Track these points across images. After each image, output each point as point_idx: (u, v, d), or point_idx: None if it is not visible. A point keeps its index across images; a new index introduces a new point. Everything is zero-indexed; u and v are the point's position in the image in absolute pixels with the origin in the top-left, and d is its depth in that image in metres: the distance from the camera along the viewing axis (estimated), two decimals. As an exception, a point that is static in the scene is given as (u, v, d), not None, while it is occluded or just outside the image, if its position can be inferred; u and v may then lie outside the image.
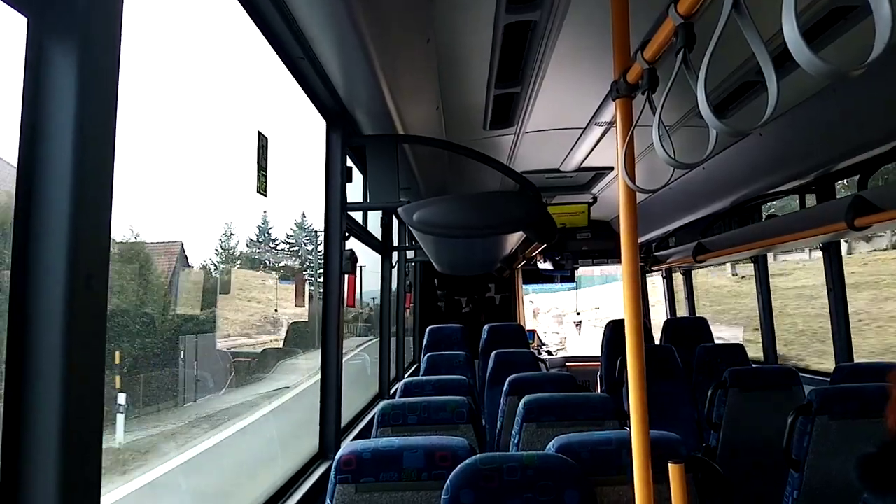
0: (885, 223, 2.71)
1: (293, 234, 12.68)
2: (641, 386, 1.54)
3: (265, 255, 11.16)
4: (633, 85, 1.50)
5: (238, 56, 4.97)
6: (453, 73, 2.61)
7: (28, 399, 0.86)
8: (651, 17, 1.93)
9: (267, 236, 11.32)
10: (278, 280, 10.00)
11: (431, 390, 3.16)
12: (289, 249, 12.74)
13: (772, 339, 5.02)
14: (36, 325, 0.87)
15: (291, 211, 12.00)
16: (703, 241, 4.83)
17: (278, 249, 12.09)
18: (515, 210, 2.65)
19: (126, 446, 3.75)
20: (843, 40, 2.10)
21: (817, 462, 2.40)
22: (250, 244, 10.45)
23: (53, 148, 0.88)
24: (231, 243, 8.51)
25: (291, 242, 12.79)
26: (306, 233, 12.65)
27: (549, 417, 2.50)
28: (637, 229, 1.59)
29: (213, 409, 5.25)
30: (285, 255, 12.42)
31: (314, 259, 12.59)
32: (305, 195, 10.21)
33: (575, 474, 1.74)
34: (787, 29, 0.69)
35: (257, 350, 8.21)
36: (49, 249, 0.87)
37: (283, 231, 12.30)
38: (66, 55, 0.89)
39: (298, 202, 11.61)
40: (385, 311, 4.79)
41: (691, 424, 4.19)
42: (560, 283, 8.89)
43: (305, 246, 12.81)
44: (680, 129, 3.17)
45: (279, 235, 11.97)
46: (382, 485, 1.82)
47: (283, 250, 12.34)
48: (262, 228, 11.04)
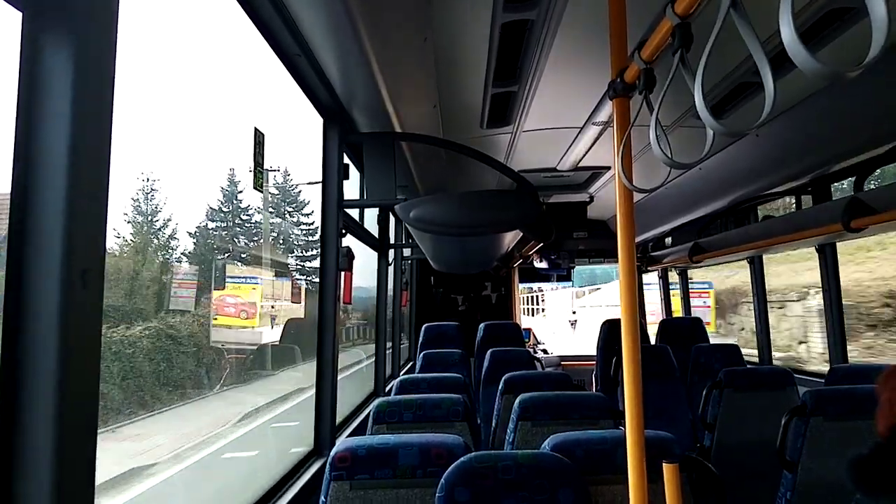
0: (880, 225, 2.71)
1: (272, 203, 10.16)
2: (637, 385, 1.54)
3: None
4: (630, 85, 1.50)
5: (235, 52, 4.96)
6: (451, 72, 2.61)
7: (23, 394, 0.85)
8: (648, 16, 1.93)
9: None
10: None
11: (427, 388, 3.16)
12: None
13: (767, 340, 5.03)
14: (31, 319, 0.86)
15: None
16: (699, 242, 4.84)
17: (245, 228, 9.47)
18: (512, 209, 2.65)
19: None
20: (840, 42, 2.10)
21: (811, 463, 2.41)
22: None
23: (49, 142, 0.88)
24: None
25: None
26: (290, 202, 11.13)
27: (544, 416, 2.50)
28: (634, 229, 1.59)
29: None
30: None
31: (299, 239, 11.42)
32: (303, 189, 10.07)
33: (570, 473, 1.74)
34: (785, 30, 0.69)
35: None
36: (44, 243, 0.87)
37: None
38: (62, 50, 0.89)
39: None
40: (381, 309, 4.79)
41: (686, 424, 4.20)
42: (556, 282, 8.92)
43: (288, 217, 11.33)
44: (676, 129, 3.18)
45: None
46: (377, 482, 1.82)
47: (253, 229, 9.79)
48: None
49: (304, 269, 10.85)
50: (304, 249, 11.31)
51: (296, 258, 10.97)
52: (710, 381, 3.51)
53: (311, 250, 11.06)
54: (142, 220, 6.72)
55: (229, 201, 8.17)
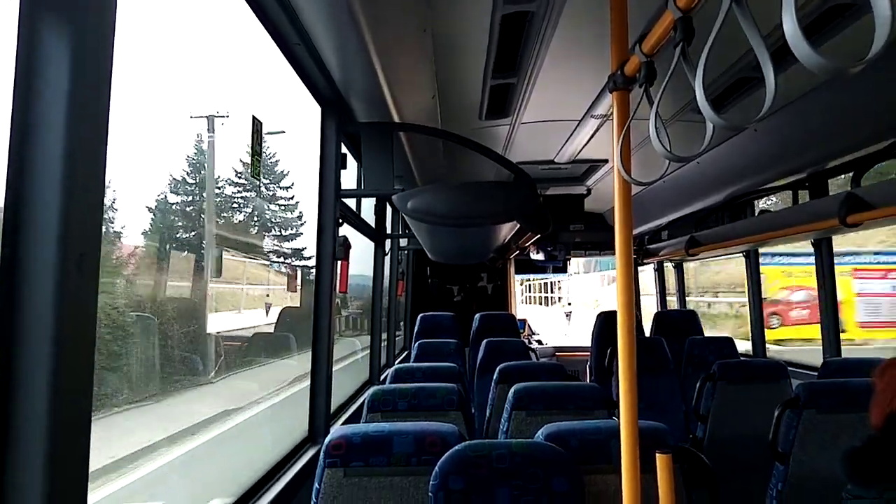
0: (877, 220, 2.72)
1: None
2: (631, 376, 1.55)
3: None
4: (630, 78, 1.50)
5: (233, 38, 4.91)
6: (450, 63, 2.60)
7: (17, 381, 0.85)
8: (649, 9, 1.92)
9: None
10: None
11: (422, 377, 3.18)
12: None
13: (761, 333, 5.06)
14: (26, 305, 0.86)
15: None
16: (695, 235, 4.85)
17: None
18: (510, 200, 2.65)
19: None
20: (843, 37, 2.10)
21: (803, 455, 2.43)
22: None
23: (46, 129, 0.88)
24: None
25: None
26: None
27: (538, 406, 2.52)
28: (631, 222, 1.59)
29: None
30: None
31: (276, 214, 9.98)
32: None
33: (563, 462, 1.75)
34: (787, 24, 0.69)
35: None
36: (40, 229, 0.87)
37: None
38: (59, 37, 0.89)
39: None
40: (377, 299, 4.80)
41: (679, 416, 4.23)
42: (553, 273, 8.94)
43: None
44: (676, 122, 3.18)
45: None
46: (371, 469, 1.83)
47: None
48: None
49: (282, 251, 9.74)
50: (283, 228, 10.10)
51: (273, 238, 9.70)
52: (703, 373, 3.53)
53: (290, 229, 10.02)
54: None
55: (196, 172, 6.98)
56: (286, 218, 10.07)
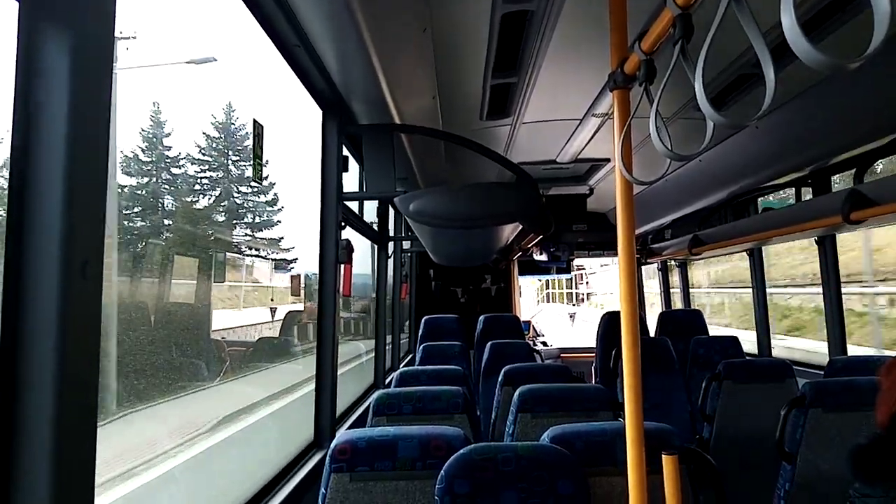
0: (880, 217, 2.71)
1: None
2: (636, 377, 1.55)
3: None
4: (630, 76, 1.50)
5: (233, 41, 4.85)
6: (450, 63, 2.60)
7: (22, 385, 0.85)
8: (648, 7, 1.92)
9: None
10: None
11: (427, 380, 3.17)
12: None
13: (766, 332, 5.04)
14: (30, 312, 0.86)
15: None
16: (699, 234, 4.84)
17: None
18: (512, 201, 2.64)
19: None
20: (842, 32, 2.09)
21: (810, 455, 2.42)
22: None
23: (47, 132, 0.88)
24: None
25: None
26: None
27: (543, 408, 2.51)
28: (634, 221, 1.59)
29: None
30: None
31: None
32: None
33: (569, 465, 1.75)
34: (786, 20, 0.68)
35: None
36: (44, 235, 0.87)
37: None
38: (60, 40, 0.89)
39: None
40: (381, 301, 4.80)
41: (685, 416, 4.21)
42: (556, 274, 8.92)
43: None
44: (677, 120, 3.17)
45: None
46: (377, 474, 1.82)
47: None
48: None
49: (255, 244, 8.28)
50: (256, 215, 8.47)
51: (245, 228, 8.21)
52: (709, 373, 3.51)
53: (264, 215, 8.47)
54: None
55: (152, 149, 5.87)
56: (258, 203, 8.54)
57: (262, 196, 8.56)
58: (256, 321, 6.94)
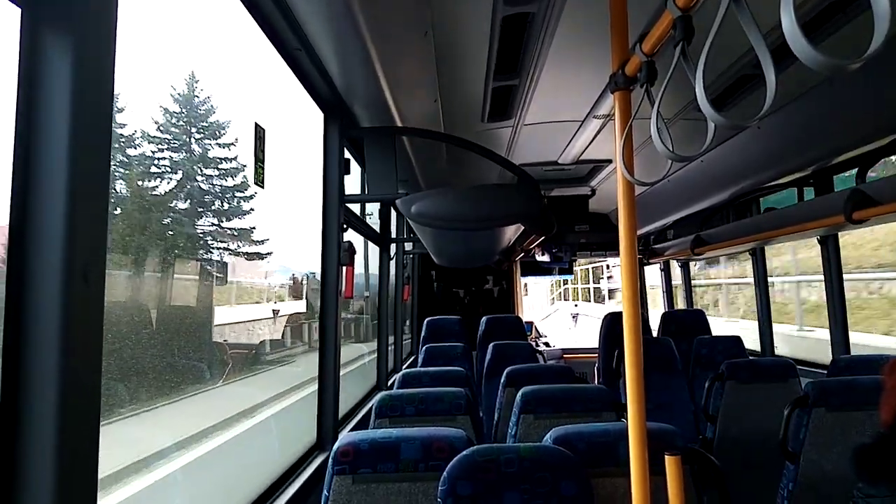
0: (882, 217, 2.71)
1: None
2: (639, 378, 1.55)
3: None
4: (631, 78, 1.50)
5: (235, 46, 4.85)
6: (451, 66, 2.60)
7: (25, 391, 0.86)
8: (649, 9, 1.92)
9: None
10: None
11: (429, 382, 3.17)
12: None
13: (769, 332, 5.03)
14: (33, 318, 0.86)
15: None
16: (701, 234, 4.84)
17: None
18: (514, 203, 2.64)
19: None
20: (842, 33, 2.10)
21: (813, 454, 2.41)
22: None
23: (49, 139, 0.88)
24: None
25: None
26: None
27: (546, 409, 2.51)
28: (636, 222, 1.59)
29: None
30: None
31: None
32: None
33: (572, 466, 1.74)
34: (786, 22, 0.68)
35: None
36: (45, 241, 0.87)
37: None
38: (61, 46, 0.89)
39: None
40: (383, 303, 4.80)
41: (688, 416, 4.21)
42: (559, 275, 8.89)
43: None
44: (678, 121, 3.17)
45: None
46: (379, 476, 1.82)
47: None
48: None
49: (222, 236, 6.93)
50: (222, 200, 6.92)
51: (212, 217, 6.83)
52: (712, 372, 3.51)
53: (232, 200, 7.00)
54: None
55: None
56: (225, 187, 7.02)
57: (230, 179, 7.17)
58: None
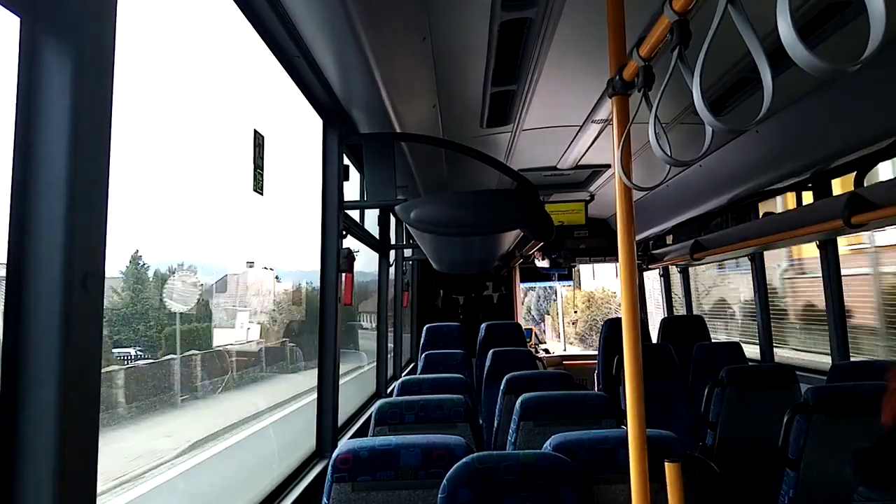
0: (881, 220, 2.71)
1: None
2: (638, 384, 1.54)
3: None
4: (629, 82, 1.50)
5: (233, 53, 4.85)
6: (450, 71, 2.61)
7: (24, 399, 0.85)
8: (646, 14, 1.93)
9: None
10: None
11: (429, 389, 3.16)
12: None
13: (768, 338, 5.02)
14: (33, 326, 0.86)
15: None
16: (700, 239, 4.84)
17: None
18: (513, 208, 2.64)
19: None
20: (838, 37, 2.10)
21: (813, 461, 2.40)
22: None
23: (48, 147, 0.88)
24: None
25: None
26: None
27: (546, 416, 2.50)
28: (634, 227, 1.59)
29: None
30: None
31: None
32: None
33: (572, 473, 1.74)
34: (782, 26, 0.68)
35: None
36: (45, 248, 0.87)
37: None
38: (61, 54, 0.89)
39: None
40: (382, 310, 4.79)
41: (688, 423, 4.19)
42: (558, 281, 8.90)
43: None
44: (676, 126, 3.17)
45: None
46: (379, 483, 1.82)
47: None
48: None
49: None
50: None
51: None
52: (712, 379, 3.50)
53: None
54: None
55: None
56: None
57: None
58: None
